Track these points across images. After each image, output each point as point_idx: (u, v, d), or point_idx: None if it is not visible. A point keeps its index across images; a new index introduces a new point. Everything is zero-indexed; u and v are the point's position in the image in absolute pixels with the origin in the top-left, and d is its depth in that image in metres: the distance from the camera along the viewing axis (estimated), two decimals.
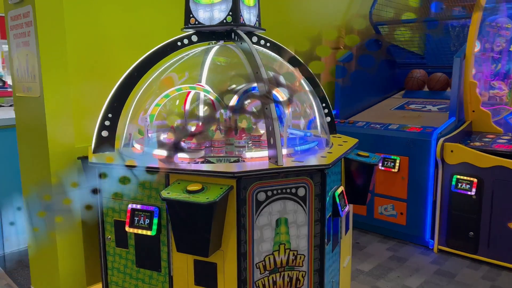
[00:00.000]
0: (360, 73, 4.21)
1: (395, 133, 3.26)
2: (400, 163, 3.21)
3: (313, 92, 2.26)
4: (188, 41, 2.01)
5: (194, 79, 2.29)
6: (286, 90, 2.20)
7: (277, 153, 1.59)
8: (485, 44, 3.80)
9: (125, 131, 1.94)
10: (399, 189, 3.26)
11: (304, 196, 1.65)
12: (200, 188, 1.50)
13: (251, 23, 2.03)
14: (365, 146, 3.40)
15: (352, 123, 3.59)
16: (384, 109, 4.32)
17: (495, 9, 3.74)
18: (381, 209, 3.40)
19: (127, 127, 1.94)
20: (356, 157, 2.05)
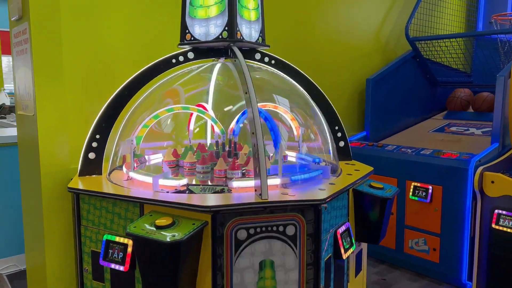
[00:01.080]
0: (395, 92, 3.91)
1: (427, 159, 2.93)
2: (432, 193, 2.87)
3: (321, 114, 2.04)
4: (184, 58, 1.87)
5: (196, 99, 2.15)
6: (288, 112, 2.01)
7: (261, 184, 1.39)
8: None
9: (112, 154, 1.81)
10: (432, 222, 2.91)
11: (294, 235, 1.43)
12: (170, 223, 1.33)
13: (251, 38, 1.87)
14: (394, 172, 3.12)
15: (381, 146, 3.29)
16: (421, 131, 3.97)
17: None
18: (411, 243, 3.06)
19: (113, 149, 1.81)
20: (367, 189, 1.80)
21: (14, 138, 2.92)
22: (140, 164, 2.01)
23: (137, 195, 1.47)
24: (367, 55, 3.92)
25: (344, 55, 3.69)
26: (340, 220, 1.66)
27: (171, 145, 2.20)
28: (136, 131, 1.77)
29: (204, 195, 1.50)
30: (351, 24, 3.71)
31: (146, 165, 2.06)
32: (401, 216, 3.09)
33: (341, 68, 3.68)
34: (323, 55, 3.48)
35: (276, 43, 3.01)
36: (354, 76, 3.82)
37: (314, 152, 2.14)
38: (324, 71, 3.51)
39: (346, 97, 3.79)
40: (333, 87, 3.64)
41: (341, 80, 3.71)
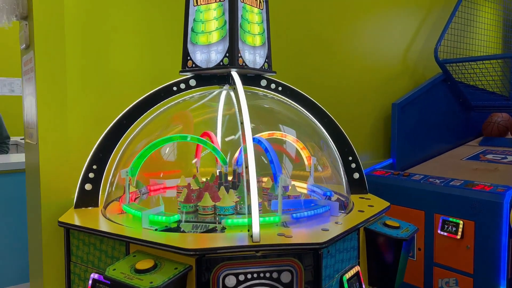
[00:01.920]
0: (424, 117, 3.69)
1: (458, 191, 2.69)
2: (463, 229, 2.62)
3: (333, 143, 1.90)
4: (186, 85, 1.80)
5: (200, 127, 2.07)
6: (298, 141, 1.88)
7: (252, 224, 1.26)
8: None
9: (108, 184, 1.74)
10: (464, 261, 2.65)
11: (290, 282, 1.27)
12: (151, 267, 1.22)
13: (255, 65, 1.77)
14: (421, 204, 2.89)
15: (407, 175, 3.07)
16: (454, 158, 3.71)
17: None
18: (441, 282, 2.79)
19: (109, 179, 1.74)
20: (381, 228, 1.63)
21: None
22: (140, 195, 1.93)
23: (122, 233, 1.37)
24: (394, 78, 3.74)
25: (369, 78, 3.53)
26: (348, 264, 1.49)
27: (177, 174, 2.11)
28: (131, 162, 1.68)
29: (191, 236, 1.38)
30: (376, 46, 3.56)
31: (148, 196, 1.98)
32: (430, 252, 2.84)
33: (366, 92, 3.51)
34: (347, 78, 3.34)
35: (293, 67, 2.94)
36: (380, 100, 3.64)
37: (326, 183, 1.99)
38: (348, 96, 3.36)
39: (371, 122, 3.61)
40: (357, 112, 3.48)
41: (366, 105, 3.54)
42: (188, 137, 1.74)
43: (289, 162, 2.05)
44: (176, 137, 1.74)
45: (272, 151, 1.65)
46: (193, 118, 2.03)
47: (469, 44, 4.09)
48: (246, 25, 1.72)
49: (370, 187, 3.25)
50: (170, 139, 1.72)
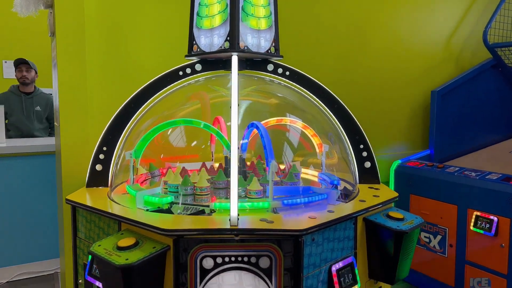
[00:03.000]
0: (469, 106, 3.44)
1: (493, 185, 2.48)
2: (498, 226, 2.42)
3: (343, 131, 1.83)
4: (191, 70, 1.82)
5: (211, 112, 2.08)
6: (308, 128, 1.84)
7: (231, 207, 1.26)
8: None
9: (112, 167, 1.81)
10: (497, 260, 2.45)
11: (268, 268, 1.26)
12: (131, 244, 1.26)
13: (260, 49, 1.74)
14: (454, 198, 2.71)
15: (442, 167, 2.88)
16: (502, 151, 3.44)
17: None
18: (473, 282, 2.61)
19: (113, 162, 1.81)
20: (381, 219, 1.55)
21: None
22: (151, 177, 1.99)
23: (113, 211, 1.43)
24: (436, 66, 3.51)
25: (407, 65, 3.34)
26: (340, 254, 1.44)
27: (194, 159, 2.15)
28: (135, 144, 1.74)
29: (175, 217, 1.40)
30: (417, 31, 3.35)
31: (159, 178, 2.03)
32: (462, 249, 2.66)
33: (404, 80, 3.33)
34: (382, 66, 3.19)
35: (319, 55, 2.86)
36: (420, 89, 3.44)
37: (336, 172, 1.93)
38: (383, 84, 3.21)
39: (408, 111, 3.42)
40: (393, 102, 3.32)
41: (403, 93, 3.36)
42: (192, 122, 1.76)
43: (299, 149, 2.01)
44: (180, 121, 1.77)
45: (266, 137, 1.62)
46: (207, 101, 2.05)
47: None
48: (249, 8, 1.69)
49: (401, 178, 3.12)
50: (173, 123, 1.75)
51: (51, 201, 3.17)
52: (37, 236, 3.29)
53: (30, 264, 3.29)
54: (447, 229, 2.75)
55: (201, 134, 2.16)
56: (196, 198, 1.56)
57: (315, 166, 2.03)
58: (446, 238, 2.76)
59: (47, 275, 3.28)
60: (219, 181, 1.64)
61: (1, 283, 3.13)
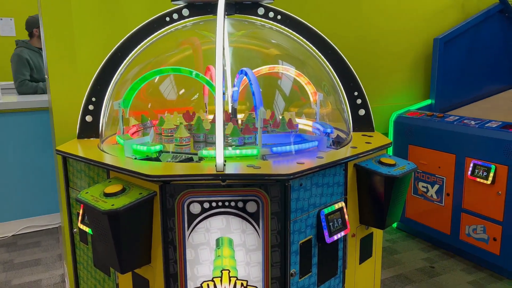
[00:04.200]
0: (473, 54, 3.34)
1: (492, 133, 2.45)
2: (496, 174, 2.41)
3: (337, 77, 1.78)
4: (178, 15, 1.75)
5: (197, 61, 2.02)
6: (302, 75, 1.79)
7: (216, 153, 1.24)
8: None
9: (102, 117, 1.79)
10: (493, 207, 2.46)
11: (256, 212, 1.26)
12: (118, 191, 1.26)
13: None
14: (452, 147, 2.68)
15: (441, 117, 2.84)
16: (506, 100, 3.37)
17: None
18: (468, 229, 2.64)
19: (103, 112, 1.79)
20: (372, 165, 1.54)
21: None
22: (144, 128, 1.97)
23: (101, 160, 1.42)
24: (440, 11, 3.37)
25: (410, 11, 3.21)
26: (330, 199, 1.44)
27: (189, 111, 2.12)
28: (123, 94, 1.70)
29: (162, 164, 1.39)
30: None
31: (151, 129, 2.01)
32: (458, 197, 2.67)
33: (406, 24, 3.21)
34: (381, 12, 3.06)
35: None
36: (423, 36, 3.32)
37: (329, 120, 1.90)
38: (384, 31, 3.10)
39: (409, 60, 3.33)
40: (394, 50, 3.22)
41: (405, 41, 3.25)
42: (181, 70, 1.71)
43: (292, 97, 1.97)
44: (167, 69, 1.72)
45: (255, 83, 1.58)
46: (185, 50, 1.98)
47: None
48: None
49: (400, 128, 3.08)
50: (161, 71, 1.70)
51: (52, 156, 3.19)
52: (41, 191, 3.34)
53: (35, 218, 3.37)
54: (445, 178, 2.75)
55: (193, 84, 2.11)
56: (176, 148, 1.56)
57: (309, 115, 2.00)
58: (443, 187, 2.77)
59: (51, 229, 3.36)
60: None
61: (7, 236, 3.22)
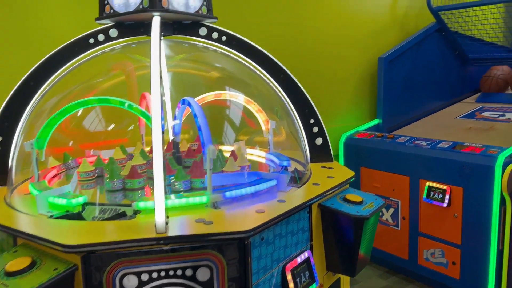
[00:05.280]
0: (415, 72, 3.35)
1: (445, 153, 2.39)
2: (451, 196, 2.35)
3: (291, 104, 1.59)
4: (105, 36, 1.48)
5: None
6: (252, 102, 1.58)
7: (156, 211, 0.98)
8: None
9: (11, 161, 1.45)
10: (451, 230, 2.40)
11: (209, 281, 1.01)
12: (25, 267, 0.95)
13: (189, 8, 1.43)
14: (405, 169, 2.60)
15: (392, 138, 2.77)
16: (448, 117, 3.39)
17: None
18: (426, 253, 2.55)
19: (11, 155, 1.45)
20: (338, 204, 1.35)
21: None
22: (67, 170, 1.65)
23: (6, 223, 1.10)
24: (382, 31, 3.36)
25: (353, 31, 3.16)
26: (294, 250, 1.22)
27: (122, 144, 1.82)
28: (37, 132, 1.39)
29: (84, 225, 1.10)
30: None
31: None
32: (415, 221, 2.59)
33: (350, 47, 3.15)
34: (326, 31, 2.97)
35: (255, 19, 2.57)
36: (366, 55, 3.29)
37: (284, 151, 1.70)
38: (328, 52, 3.01)
39: (356, 80, 3.27)
40: (340, 70, 3.14)
41: (351, 61, 3.19)
42: (109, 100, 1.44)
43: (242, 127, 1.75)
44: (93, 100, 1.44)
45: (201, 117, 1.35)
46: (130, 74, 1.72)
47: None
48: None
49: (351, 150, 2.98)
50: (84, 103, 1.41)
51: None
52: None
53: None
54: (400, 201, 2.66)
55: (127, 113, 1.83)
56: (126, 194, 1.27)
57: (261, 145, 1.79)
58: (398, 211, 2.67)
59: None
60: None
61: None
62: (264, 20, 2.60)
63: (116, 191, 1.35)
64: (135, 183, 1.34)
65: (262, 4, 2.57)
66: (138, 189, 1.35)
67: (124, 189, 1.36)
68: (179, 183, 1.31)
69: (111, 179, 1.33)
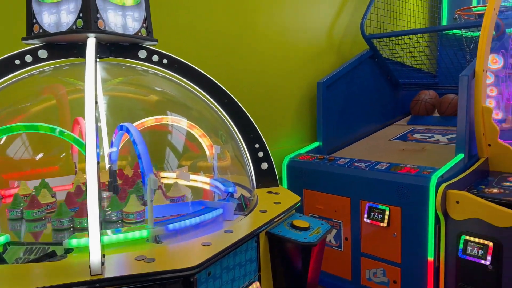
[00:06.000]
0: (351, 96, 3.48)
1: (383, 175, 2.48)
2: (390, 216, 2.43)
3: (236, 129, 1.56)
4: (33, 57, 1.36)
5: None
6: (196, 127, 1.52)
7: (90, 250, 0.89)
8: (510, 59, 3.01)
9: None
10: (391, 250, 2.47)
11: None
12: None
13: (127, 30, 1.37)
14: (347, 191, 2.66)
15: (332, 160, 2.83)
16: (383, 139, 3.55)
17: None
18: (369, 273, 2.60)
19: None
20: (286, 231, 1.32)
21: None
22: None
23: None
24: (320, 56, 3.47)
25: (292, 56, 3.23)
26: (242, 282, 1.17)
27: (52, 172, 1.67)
28: None
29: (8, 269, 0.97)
30: (299, 21, 3.25)
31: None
32: (357, 241, 2.63)
33: (290, 71, 3.21)
34: (267, 58, 3.01)
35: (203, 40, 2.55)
36: (306, 80, 3.37)
37: (229, 176, 1.66)
38: (269, 76, 3.04)
39: (296, 104, 3.33)
40: (280, 94, 3.18)
41: (291, 85, 3.25)
42: (38, 127, 1.31)
43: (185, 152, 1.69)
44: (18, 126, 1.30)
45: (141, 144, 1.27)
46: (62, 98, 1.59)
47: (396, 19, 3.93)
48: None
49: (294, 173, 3.00)
50: (9, 129, 1.28)
51: None
52: None
53: None
54: (342, 222, 2.70)
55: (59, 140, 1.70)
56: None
57: (206, 170, 1.74)
58: (341, 232, 2.71)
59: None
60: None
61: None
62: (208, 46, 2.57)
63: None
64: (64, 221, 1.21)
65: (205, 30, 2.54)
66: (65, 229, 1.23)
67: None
68: (114, 213, 1.22)
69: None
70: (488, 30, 2.45)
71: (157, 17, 1.57)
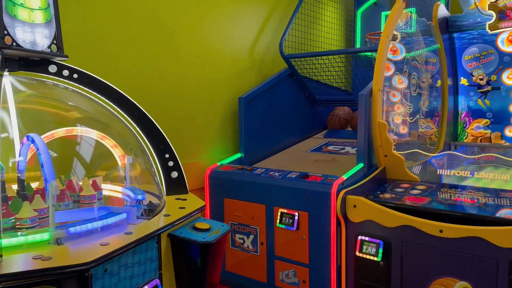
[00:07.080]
0: (271, 111, 3.72)
1: (293, 183, 2.71)
2: (299, 220, 2.65)
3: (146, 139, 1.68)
4: None
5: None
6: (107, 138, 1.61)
7: None
8: (412, 80, 3.41)
9: None
10: (300, 252, 2.69)
11: None
12: None
13: (36, 46, 1.45)
14: (262, 198, 2.86)
15: (250, 170, 3.02)
16: (300, 151, 3.82)
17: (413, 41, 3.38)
18: (282, 275, 2.80)
19: None
20: (187, 232, 1.46)
21: None
22: None
23: None
24: (242, 73, 3.69)
25: (217, 72, 3.41)
26: (142, 280, 1.29)
27: None
28: None
29: None
30: (223, 39, 3.45)
31: None
32: (271, 245, 2.83)
33: (213, 87, 3.38)
34: (189, 78, 3.14)
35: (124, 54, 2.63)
36: (230, 95, 3.56)
37: (141, 185, 1.77)
38: (195, 91, 3.19)
39: (220, 118, 3.50)
40: (206, 108, 3.33)
41: (215, 100, 3.42)
42: None
43: (96, 162, 1.77)
44: None
45: (45, 153, 1.35)
46: None
47: (313, 41, 4.26)
48: None
49: (215, 183, 3.15)
50: None
51: None
52: None
53: None
54: (258, 228, 2.89)
55: None
56: None
57: (118, 180, 1.83)
58: (257, 237, 2.89)
59: None
60: None
61: None
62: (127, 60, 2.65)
63: None
64: None
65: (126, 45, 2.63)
66: None
67: None
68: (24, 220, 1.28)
69: None
70: (383, 54, 2.79)
71: (75, 35, 1.65)
